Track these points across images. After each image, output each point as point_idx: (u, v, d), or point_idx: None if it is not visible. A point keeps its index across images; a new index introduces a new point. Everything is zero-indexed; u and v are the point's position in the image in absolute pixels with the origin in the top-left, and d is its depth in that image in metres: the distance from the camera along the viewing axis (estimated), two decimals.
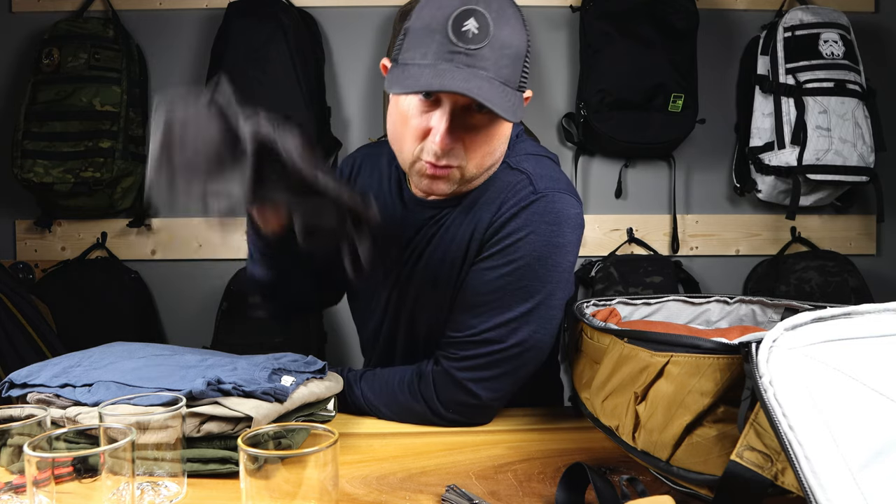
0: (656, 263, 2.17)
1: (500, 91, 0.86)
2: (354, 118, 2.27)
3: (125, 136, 2.06)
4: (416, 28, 0.89)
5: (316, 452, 0.59)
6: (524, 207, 0.95)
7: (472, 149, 0.92)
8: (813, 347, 0.52)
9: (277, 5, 2.06)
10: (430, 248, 1.02)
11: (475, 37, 0.84)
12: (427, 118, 0.90)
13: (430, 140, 0.90)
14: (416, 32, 0.88)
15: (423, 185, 0.95)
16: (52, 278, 2.13)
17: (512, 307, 0.94)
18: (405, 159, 0.95)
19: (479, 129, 0.91)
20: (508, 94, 0.87)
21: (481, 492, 0.75)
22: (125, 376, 0.84)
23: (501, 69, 0.86)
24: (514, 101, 0.88)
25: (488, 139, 0.93)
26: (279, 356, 0.95)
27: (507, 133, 0.97)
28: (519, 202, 0.95)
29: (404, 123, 0.93)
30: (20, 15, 2.24)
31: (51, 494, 0.57)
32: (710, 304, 1.06)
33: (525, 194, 0.95)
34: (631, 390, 0.71)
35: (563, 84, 2.29)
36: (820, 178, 2.01)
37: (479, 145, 0.92)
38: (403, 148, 0.94)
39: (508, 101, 0.86)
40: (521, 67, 0.90)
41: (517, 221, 0.94)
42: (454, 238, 1.00)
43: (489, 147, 0.93)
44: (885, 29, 2.31)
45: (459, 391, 0.96)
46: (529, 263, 0.94)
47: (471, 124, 0.90)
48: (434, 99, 0.89)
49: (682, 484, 0.69)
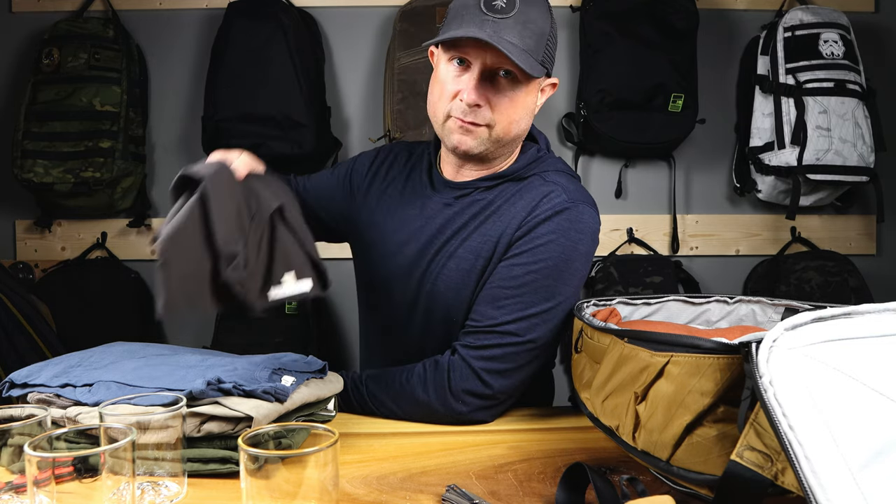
0: (656, 263, 2.17)
1: (520, 53, 0.96)
2: (354, 118, 2.27)
3: (125, 136, 2.06)
4: (454, 7, 1.03)
5: (316, 452, 0.59)
6: (557, 213, 1.04)
7: (498, 111, 1.02)
8: (813, 347, 0.52)
9: (277, 5, 2.06)
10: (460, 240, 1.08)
11: (503, 9, 0.97)
12: (458, 81, 1.02)
13: (458, 98, 1.02)
14: (455, 10, 1.02)
15: (454, 139, 1.05)
16: (52, 278, 2.13)
17: (534, 304, 1.01)
18: (439, 119, 1.06)
19: (504, 92, 1.01)
20: (529, 59, 0.97)
21: (481, 492, 0.75)
22: (125, 376, 0.85)
23: (525, 38, 0.97)
24: (533, 65, 0.98)
25: (513, 104, 1.03)
26: (279, 356, 0.95)
27: (531, 107, 1.07)
28: (553, 208, 1.04)
29: (440, 87, 1.04)
30: (20, 15, 2.23)
31: (51, 494, 0.57)
32: (711, 304, 1.06)
33: (559, 202, 1.04)
34: (631, 390, 0.71)
35: (563, 84, 2.29)
36: (820, 178, 2.00)
37: (504, 108, 1.02)
38: (438, 109, 1.06)
39: (528, 62, 0.97)
40: (543, 45, 1.01)
41: (549, 225, 1.03)
42: (486, 234, 1.07)
43: (514, 112, 1.04)
44: (885, 29, 2.31)
45: (474, 380, 1.00)
46: (557, 265, 1.02)
47: (496, 87, 1.01)
48: (466, 65, 1.01)
49: (682, 484, 0.69)
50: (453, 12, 1.02)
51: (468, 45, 0.99)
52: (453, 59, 1.02)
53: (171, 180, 0.82)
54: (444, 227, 1.10)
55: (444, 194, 1.12)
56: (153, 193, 2.26)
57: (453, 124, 1.04)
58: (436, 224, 1.10)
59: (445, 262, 1.08)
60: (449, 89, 1.03)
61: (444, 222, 1.10)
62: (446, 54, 1.03)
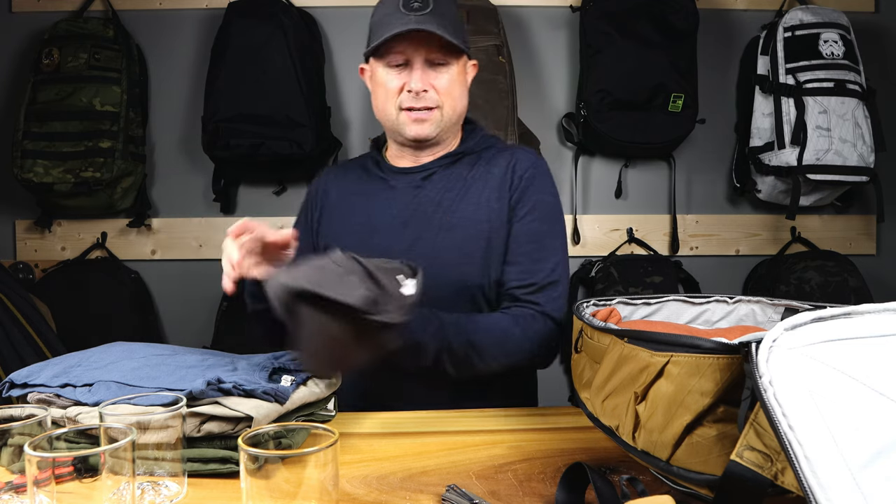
0: (656, 263, 2.17)
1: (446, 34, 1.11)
2: (354, 118, 2.27)
3: (125, 136, 2.06)
4: (375, 20, 1.17)
5: (316, 452, 0.59)
6: (537, 168, 1.22)
7: (442, 92, 1.17)
8: (813, 347, 0.52)
9: (277, 5, 2.06)
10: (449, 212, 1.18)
11: (420, 7, 1.11)
12: (400, 78, 1.16)
13: (406, 90, 1.15)
14: (376, 22, 1.16)
15: (412, 130, 1.18)
16: (52, 278, 2.13)
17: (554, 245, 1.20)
18: (391, 117, 1.19)
19: (442, 75, 1.16)
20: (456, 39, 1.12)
21: (481, 492, 0.75)
22: (125, 376, 0.85)
23: (446, 26, 1.12)
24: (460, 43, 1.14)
25: (452, 84, 1.17)
26: (279, 355, 0.95)
27: (465, 85, 1.22)
28: (531, 166, 1.22)
29: (383, 90, 1.18)
30: (20, 15, 2.23)
31: (51, 494, 0.57)
32: (711, 304, 1.06)
33: (534, 160, 1.23)
34: (631, 390, 0.71)
35: (563, 84, 2.29)
36: (820, 178, 2.00)
37: (446, 89, 1.17)
38: (387, 108, 1.19)
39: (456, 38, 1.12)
40: (461, 30, 1.18)
41: (538, 182, 1.21)
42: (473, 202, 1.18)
43: (455, 90, 1.18)
44: (885, 29, 2.31)
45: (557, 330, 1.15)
46: (552, 210, 1.22)
47: (436, 73, 1.16)
48: (402, 65, 1.15)
49: (682, 484, 0.69)
50: (375, 24, 1.16)
51: (401, 44, 1.12)
52: (390, 63, 1.16)
53: (172, 182, 0.82)
54: (425, 204, 1.19)
55: (408, 178, 1.22)
56: (153, 193, 2.26)
57: (406, 117, 1.17)
58: (417, 203, 1.19)
59: (444, 234, 1.16)
60: (392, 87, 1.16)
61: (425, 200, 1.19)
62: (382, 61, 1.16)
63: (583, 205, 2.29)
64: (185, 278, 2.27)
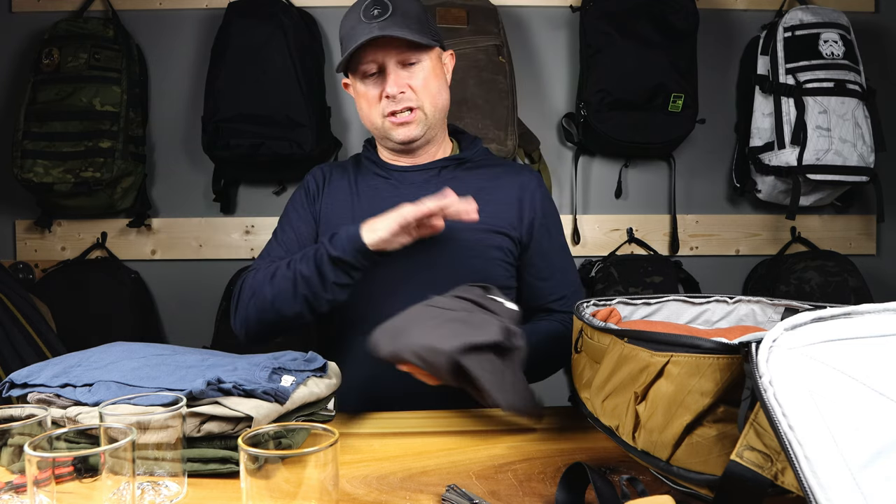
0: (656, 263, 2.17)
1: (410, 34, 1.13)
2: (354, 118, 2.27)
3: (125, 136, 2.06)
4: (343, 35, 1.19)
5: (316, 452, 0.59)
6: (543, 187, 1.30)
7: (419, 90, 1.19)
8: (813, 347, 0.52)
9: (277, 5, 2.06)
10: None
11: (380, 13, 1.13)
12: (376, 86, 1.19)
13: (384, 96, 1.18)
14: (344, 36, 1.18)
15: (399, 135, 1.21)
16: (52, 278, 2.13)
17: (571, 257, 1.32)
18: (377, 124, 1.22)
19: (416, 74, 1.18)
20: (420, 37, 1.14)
21: (481, 492, 0.75)
22: (125, 376, 0.85)
23: (410, 26, 1.14)
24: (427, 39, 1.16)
25: (428, 79, 1.19)
26: (279, 355, 0.95)
27: (443, 77, 1.24)
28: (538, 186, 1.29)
29: (366, 100, 1.21)
30: (20, 15, 2.23)
31: (51, 494, 0.57)
32: (711, 304, 1.06)
33: (534, 176, 1.31)
34: (631, 390, 0.71)
35: (563, 84, 2.29)
36: (820, 178, 2.00)
37: (423, 86, 1.19)
38: (372, 116, 1.22)
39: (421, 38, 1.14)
40: (426, 24, 1.19)
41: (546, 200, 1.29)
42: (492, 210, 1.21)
43: (432, 85, 1.20)
44: (885, 29, 2.31)
45: None
46: (560, 224, 1.33)
47: (410, 74, 1.18)
48: (377, 70, 1.18)
49: (682, 484, 0.69)
50: (343, 38, 1.18)
51: (370, 53, 1.15)
52: (366, 75, 1.19)
53: (172, 182, 0.82)
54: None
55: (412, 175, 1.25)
56: (153, 193, 2.26)
57: (390, 123, 1.20)
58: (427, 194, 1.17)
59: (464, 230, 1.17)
60: (373, 95, 1.20)
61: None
62: (357, 73, 1.19)
63: (583, 205, 2.29)
64: (185, 278, 2.27)
